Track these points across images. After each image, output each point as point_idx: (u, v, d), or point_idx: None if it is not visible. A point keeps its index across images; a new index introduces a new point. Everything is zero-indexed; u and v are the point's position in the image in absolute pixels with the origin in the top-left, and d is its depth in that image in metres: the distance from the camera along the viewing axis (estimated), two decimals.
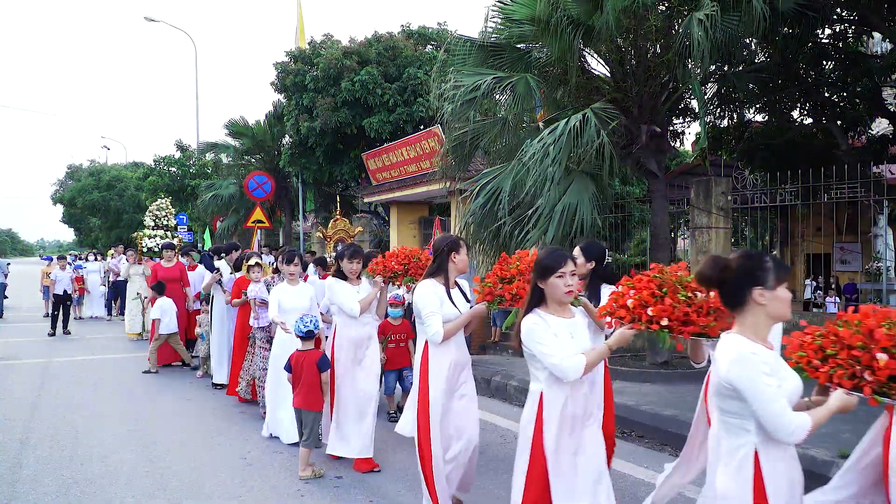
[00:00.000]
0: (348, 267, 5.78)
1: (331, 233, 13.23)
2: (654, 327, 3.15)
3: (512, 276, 4.19)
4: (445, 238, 4.67)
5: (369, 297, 5.72)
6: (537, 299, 3.45)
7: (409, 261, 5.51)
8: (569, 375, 3.27)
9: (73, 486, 5.41)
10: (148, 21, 32.43)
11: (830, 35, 10.93)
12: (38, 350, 13.07)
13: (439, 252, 4.58)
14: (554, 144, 7.80)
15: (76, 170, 52.73)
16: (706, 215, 9.66)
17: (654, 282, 3.25)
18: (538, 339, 3.32)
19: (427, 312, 4.39)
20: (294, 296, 6.73)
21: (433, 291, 4.46)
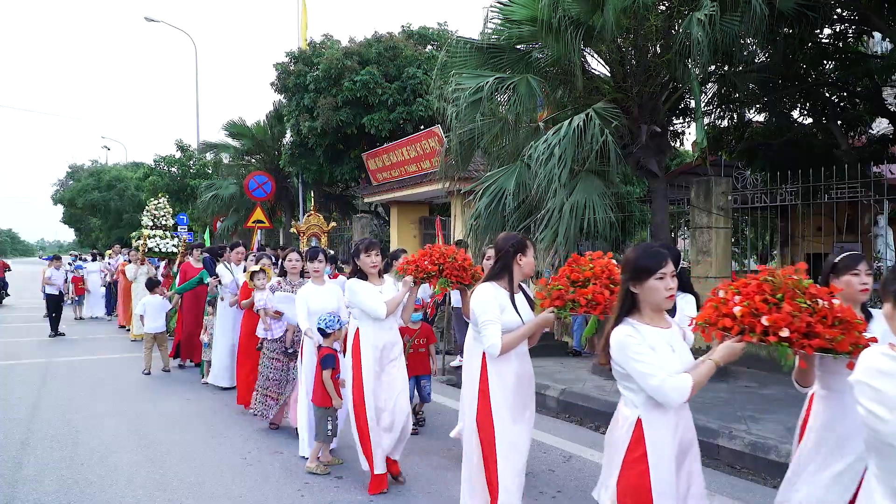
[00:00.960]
0: (367, 262, 5.19)
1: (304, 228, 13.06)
2: (771, 339, 2.67)
3: (586, 278, 3.65)
4: (510, 237, 4.14)
5: (397, 298, 5.13)
6: (629, 306, 2.97)
7: (443, 261, 4.97)
8: (673, 400, 2.77)
9: (73, 486, 5.40)
10: (148, 21, 32.41)
11: (831, 35, 10.92)
12: (39, 350, 13.07)
13: (503, 252, 4.06)
14: (559, 145, 7.81)
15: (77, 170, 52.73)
16: (706, 215, 9.66)
17: (765, 286, 2.80)
18: (634, 354, 2.81)
19: (484, 320, 3.86)
20: (322, 296, 6.15)
21: (493, 296, 3.93)
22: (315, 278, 6.21)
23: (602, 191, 8.18)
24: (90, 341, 14.51)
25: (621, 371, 2.91)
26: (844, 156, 10.40)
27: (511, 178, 8.60)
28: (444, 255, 4.97)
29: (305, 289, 6.15)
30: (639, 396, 2.87)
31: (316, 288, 6.17)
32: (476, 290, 4.02)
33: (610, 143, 7.82)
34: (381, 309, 5.04)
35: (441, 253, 4.99)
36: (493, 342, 3.83)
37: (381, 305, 5.05)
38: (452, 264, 4.95)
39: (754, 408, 6.89)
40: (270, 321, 6.91)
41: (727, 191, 9.80)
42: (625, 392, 2.98)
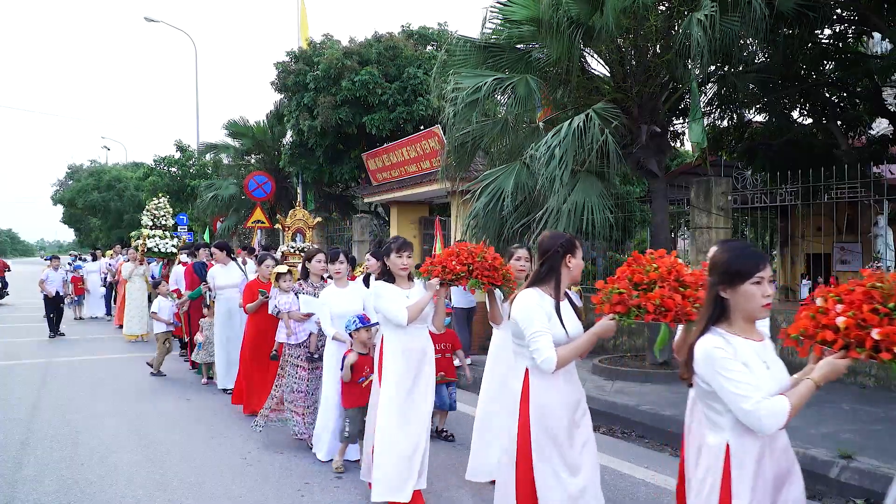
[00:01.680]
0: (398, 263, 4.78)
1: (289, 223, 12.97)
2: (885, 357, 2.32)
3: (651, 280, 3.23)
4: (558, 236, 3.69)
5: (420, 303, 4.69)
6: (718, 314, 2.62)
7: (472, 260, 4.57)
8: (767, 427, 2.43)
9: (73, 486, 5.40)
10: (148, 21, 32.45)
11: (830, 35, 10.93)
12: (38, 350, 13.07)
13: (550, 253, 3.59)
14: (559, 146, 7.80)
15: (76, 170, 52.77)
16: (706, 215, 9.67)
17: (874, 293, 2.44)
18: (724, 370, 2.47)
19: (533, 332, 3.38)
20: (345, 299, 5.92)
21: (539, 304, 3.46)
22: (337, 280, 6.01)
23: (601, 191, 8.18)
24: (90, 341, 14.51)
25: (706, 388, 2.57)
26: (844, 156, 10.42)
27: (510, 178, 8.60)
28: (472, 254, 4.60)
29: (328, 292, 5.93)
30: (727, 419, 2.55)
31: (338, 291, 5.97)
32: (519, 298, 3.55)
33: (610, 143, 7.83)
34: (402, 315, 4.63)
35: (469, 251, 4.62)
36: (546, 356, 3.33)
37: (402, 311, 4.64)
38: (482, 264, 4.58)
39: None
40: (294, 324, 6.53)
41: (727, 191, 9.80)
42: (708, 412, 2.62)
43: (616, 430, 7.00)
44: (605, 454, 5.95)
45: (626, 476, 5.55)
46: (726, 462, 2.53)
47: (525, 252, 5.14)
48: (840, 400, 7.33)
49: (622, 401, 7.35)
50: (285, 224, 12.94)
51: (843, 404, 7.17)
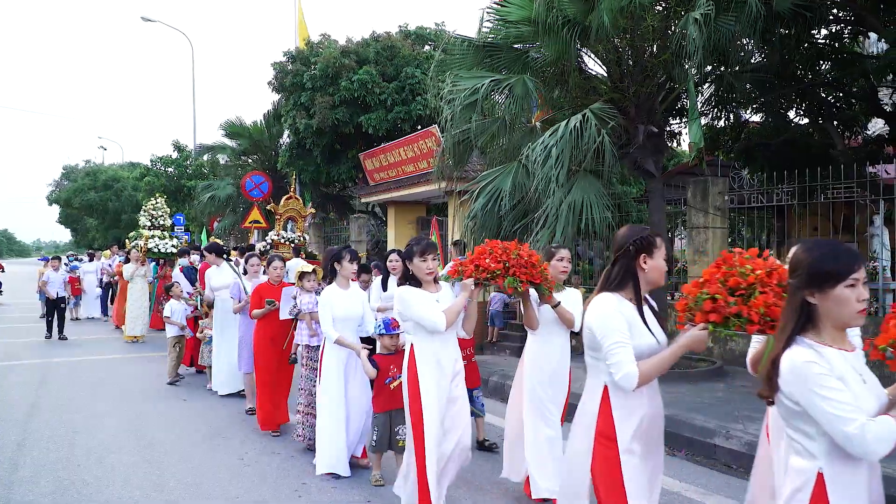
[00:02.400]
0: (422, 267, 4.38)
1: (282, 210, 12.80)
2: None
3: (749, 284, 2.75)
4: (634, 231, 3.18)
5: (456, 305, 4.32)
6: (803, 321, 2.29)
7: (507, 257, 4.23)
8: (874, 453, 2.11)
9: (69, 487, 5.40)
10: (144, 21, 32.39)
11: (827, 35, 10.94)
12: (35, 351, 13.05)
13: (622, 251, 3.13)
14: (556, 146, 7.81)
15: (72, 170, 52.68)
16: (703, 215, 9.68)
17: None
18: (820, 388, 2.13)
19: (612, 343, 2.91)
20: (347, 301, 5.69)
21: (619, 311, 3.00)
22: (343, 282, 5.77)
23: (599, 191, 8.19)
24: (87, 342, 14.49)
25: (794, 409, 2.23)
26: (840, 156, 10.43)
27: (507, 178, 8.60)
28: (506, 251, 4.26)
29: (329, 293, 5.63)
30: (819, 444, 2.20)
31: (341, 292, 5.70)
32: (595, 303, 3.08)
33: (606, 143, 7.83)
34: (440, 320, 4.23)
35: (503, 248, 4.28)
36: (627, 371, 2.86)
37: (440, 316, 4.24)
38: (518, 261, 4.23)
39: (751, 407, 6.90)
40: (316, 325, 6.23)
41: (724, 191, 9.82)
42: (795, 435, 2.28)
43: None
44: None
45: None
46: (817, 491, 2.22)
47: (567, 252, 4.96)
48: None
49: None
50: (278, 211, 12.83)
51: None
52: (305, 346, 6.42)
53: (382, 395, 5.21)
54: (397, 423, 5.15)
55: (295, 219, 12.98)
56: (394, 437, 5.18)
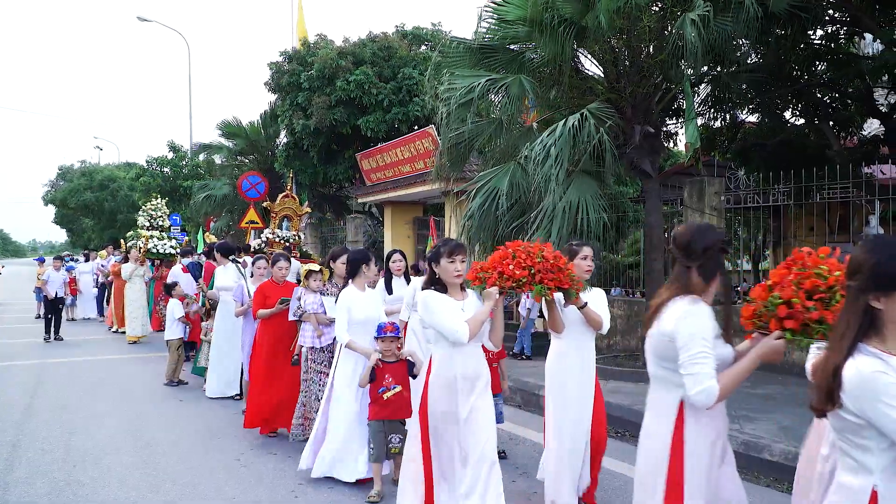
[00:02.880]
0: (450, 269, 4.05)
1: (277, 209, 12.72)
2: None
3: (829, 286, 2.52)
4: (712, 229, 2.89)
5: (479, 316, 3.97)
6: (866, 327, 2.09)
7: (533, 261, 3.85)
8: None
9: (65, 488, 5.39)
10: (140, 21, 32.36)
11: (823, 36, 10.96)
12: (32, 351, 13.02)
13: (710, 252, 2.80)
14: (555, 145, 7.81)
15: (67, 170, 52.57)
16: (699, 215, 9.69)
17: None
18: (890, 398, 1.95)
19: (695, 353, 2.64)
20: (365, 304, 5.47)
21: (708, 316, 2.73)
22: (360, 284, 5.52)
23: (595, 191, 8.19)
24: (83, 343, 14.46)
25: (855, 421, 2.04)
26: (836, 156, 10.46)
27: (504, 178, 8.60)
28: (531, 255, 3.86)
29: (349, 295, 5.39)
30: (878, 459, 2.04)
31: (360, 294, 5.45)
32: (687, 310, 2.72)
33: (606, 142, 7.84)
34: (462, 331, 3.90)
35: (526, 252, 3.88)
36: (707, 385, 2.60)
37: (462, 326, 3.91)
38: (544, 265, 3.85)
39: (748, 407, 6.92)
40: (323, 327, 6.12)
41: (720, 191, 9.83)
42: (850, 449, 2.10)
43: (610, 430, 7.00)
44: None
45: (618, 475, 5.56)
46: None
47: (590, 249, 4.64)
48: None
49: (616, 401, 7.36)
50: (274, 209, 12.77)
51: None
52: (309, 348, 6.20)
53: (377, 403, 5.07)
54: (391, 430, 5.06)
55: (291, 217, 12.94)
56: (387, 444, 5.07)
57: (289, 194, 13.13)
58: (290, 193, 13.24)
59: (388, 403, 5.00)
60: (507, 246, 4.00)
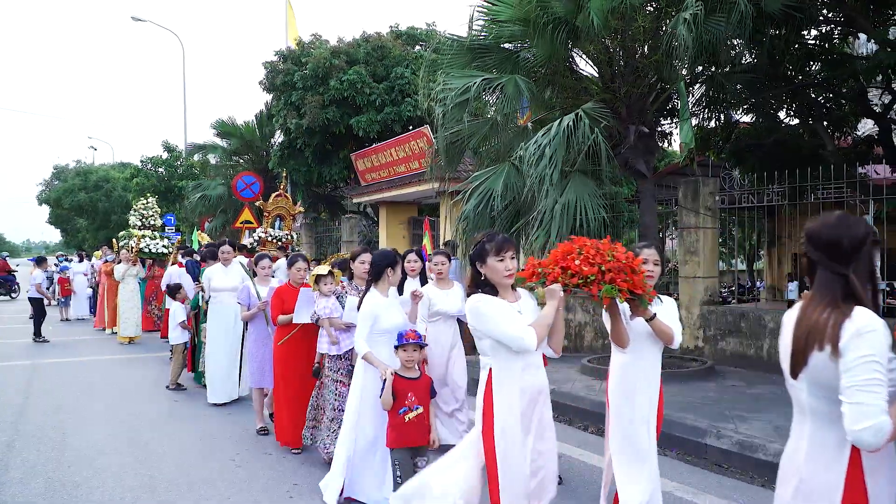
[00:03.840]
0: (500, 268, 3.49)
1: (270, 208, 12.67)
2: None
3: None
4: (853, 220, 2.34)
5: (546, 317, 3.42)
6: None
7: (602, 259, 3.36)
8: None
9: (60, 488, 5.37)
10: (135, 21, 32.29)
11: (817, 36, 11.00)
12: (25, 352, 12.98)
13: (865, 247, 2.29)
14: (549, 145, 7.82)
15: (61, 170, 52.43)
16: (694, 215, 9.71)
17: None
18: None
19: (867, 379, 2.11)
20: (392, 310, 5.03)
21: (886, 334, 2.18)
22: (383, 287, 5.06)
23: (593, 191, 8.20)
24: (78, 343, 14.42)
25: None
26: (830, 156, 10.48)
27: (499, 178, 8.61)
28: (600, 252, 3.38)
29: (374, 302, 4.93)
30: None
31: (383, 300, 4.98)
32: (870, 323, 2.17)
33: (601, 142, 7.84)
34: (529, 337, 3.35)
35: (595, 248, 3.40)
36: (878, 421, 2.07)
37: (528, 331, 3.36)
38: (616, 264, 3.36)
39: (742, 407, 6.93)
40: (338, 334, 5.72)
41: (714, 191, 9.85)
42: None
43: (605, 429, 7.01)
44: (593, 453, 5.98)
45: None
46: None
47: (654, 252, 4.06)
48: None
49: None
50: (267, 208, 12.74)
51: None
52: (327, 355, 5.82)
53: (397, 427, 4.45)
54: (413, 455, 4.49)
55: (283, 217, 12.92)
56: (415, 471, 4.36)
57: (282, 193, 13.09)
58: (283, 193, 13.20)
59: (410, 427, 4.43)
60: (572, 240, 3.54)
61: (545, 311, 3.45)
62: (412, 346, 4.56)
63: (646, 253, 3.99)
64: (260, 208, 13.56)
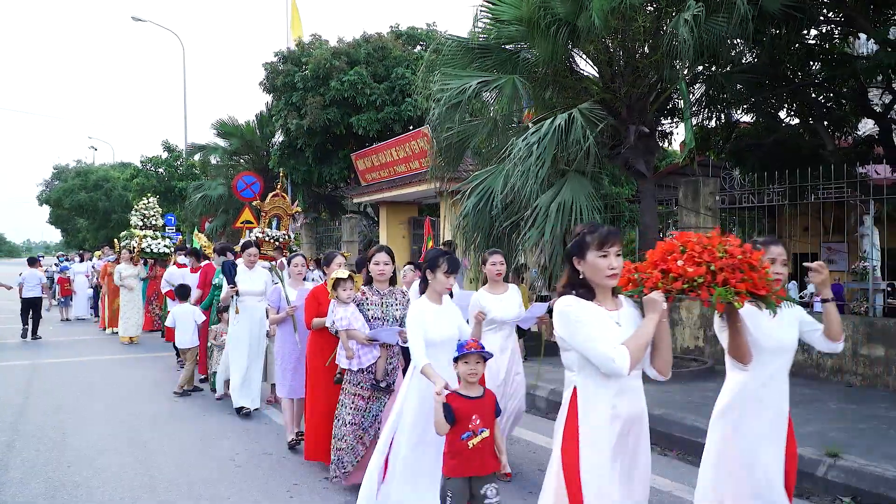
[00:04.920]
0: (602, 266, 2.85)
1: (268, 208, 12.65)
2: None
3: None
4: None
5: (644, 334, 2.77)
6: None
7: (712, 258, 2.78)
8: None
9: (60, 488, 5.37)
10: (135, 21, 32.29)
11: (817, 36, 11.00)
12: (25, 352, 12.98)
13: None
14: (539, 143, 7.82)
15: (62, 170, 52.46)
16: (694, 215, 9.71)
17: None
18: None
19: None
20: (443, 319, 4.42)
21: None
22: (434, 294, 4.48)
23: (589, 191, 8.19)
24: (78, 343, 14.42)
25: None
26: (831, 156, 10.48)
27: (499, 178, 8.60)
28: (709, 249, 2.83)
29: (421, 309, 4.37)
30: None
31: (434, 308, 4.43)
32: None
33: (591, 142, 7.82)
34: (621, 358, 2.71)
35: (702, 245, 2.86)
36: None
37: (620, 352, 2.73)
38: (728, 260, 2.78)
39: None
40: (357, 347, 5.07)
41: (715, 191, 9.85)
42: None
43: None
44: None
45: None
46: None
47: (780, 249, 3.44)
48: (827, 399, 7.38)
49: None
50: (263, 208, 12.73)
51: (830, 403, 7.21)
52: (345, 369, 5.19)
53: (457, 455, 3.74)
54: (481, 485, 3.77)
55: (281, 217, 12.91)
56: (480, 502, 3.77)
57: (278, 193, 13.07)
58: (281, 193, 13.19)
59: (474, 454, 3.72)
60: (673, 236, 3.02)
61: (643, 326, 2.81)
62: (475, 358, 3.81)
63: (773, 251, 3.36)
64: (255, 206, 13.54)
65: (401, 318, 5.05)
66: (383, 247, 5.27)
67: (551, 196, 8.00)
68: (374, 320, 5.06)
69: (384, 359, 5.11)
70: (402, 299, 5.23)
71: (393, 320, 5.09)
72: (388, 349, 5.14)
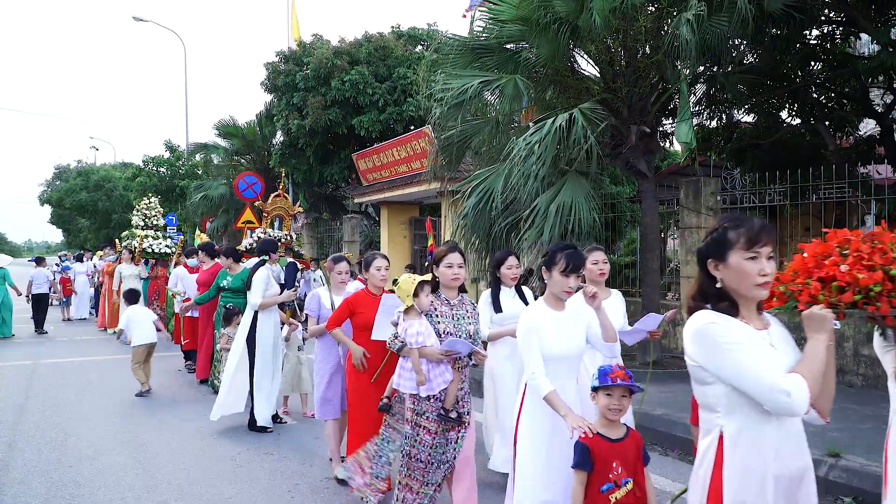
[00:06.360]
0: (752, 273, 2.25)
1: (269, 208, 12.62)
2: None
3: None
4: None
5: (817, 360, 2.20)
6: None
7: (886, 258, 2.29)
8: None
9: (61, 488, 5.37)
10: (136, 21, 32.31)
11: (818, 36, 10.99)
12: (25, 352, 12.98)
13: None
14: (539, 143, 7.82)
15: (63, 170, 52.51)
16: (695, 215, 9.70)
17: None
18: None
19: None
20: (566, 329, 3.57)
21: None
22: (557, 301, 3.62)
23: (589, 191, 8.19)
24: (78, 343, 14.42)
25: None
26: (832, 156, 10.48)
27: (499, 178, 8.61)
28: (882, 250, 2.32)
29: (537, 316, 3.55)
30: None
31: (554, 315, 3.58)
32: None
33: (592, 143, 7.83)
34: (798, 392, 2.12)
35: (872, 245, 2.35)
36: None
37: (796, 384, 2.13)
38: None
39: None
40: (429, 368, 4.11)
41: (716, 191, 9.85)
42: None
43: None
44: None
45: None
46: None
47: None
48: None
49: None
50: (266, 209, 12.73)
51: None
52: (410, 395, 4.20)
53: None
54: None
55: (283, 217, 12.91)
56: None
57: (280, 194, 13.08)
58: (282, 193, 13.20)
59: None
60: (826, 237, 2.48)
61: (812, 350, 2.21)
62: (620, 391, 3.06)
63: None
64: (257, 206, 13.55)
65: (473, 334, 4.27)
66: (455, 246, 4.38)
67: (550, 196, 8.01)
68: (444, 335, 4.14)
69: (456, 383, 4.14)
70: (474, 311, 4.37)
71: (466, 336, 4.20)
72: (461, 371, 4.20)
